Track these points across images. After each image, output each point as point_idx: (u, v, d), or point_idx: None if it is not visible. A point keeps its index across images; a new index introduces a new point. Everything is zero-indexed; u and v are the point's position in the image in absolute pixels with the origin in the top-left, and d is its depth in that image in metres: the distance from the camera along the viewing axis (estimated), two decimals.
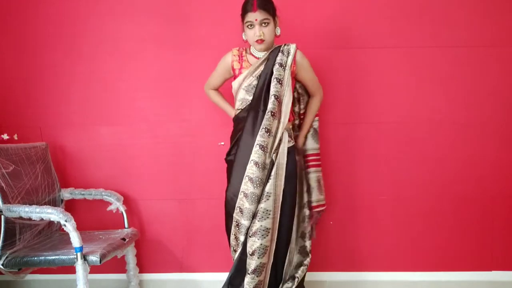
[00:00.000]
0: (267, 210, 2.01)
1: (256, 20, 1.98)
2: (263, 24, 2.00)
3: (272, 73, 2.06)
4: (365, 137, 2.58)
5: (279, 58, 2.07)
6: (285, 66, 2.06)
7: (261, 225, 2.00)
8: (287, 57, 2.08)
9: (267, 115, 2.02)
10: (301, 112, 2.29)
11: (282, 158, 2.06)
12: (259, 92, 2.07)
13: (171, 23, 2.55)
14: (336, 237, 2.64)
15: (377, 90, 2.55)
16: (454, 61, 2.51)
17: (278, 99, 2.03)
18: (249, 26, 2.02)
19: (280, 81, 2.04)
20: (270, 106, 2.03)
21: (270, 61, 2.08)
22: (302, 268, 2.26)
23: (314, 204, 2.29)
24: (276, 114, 2.02)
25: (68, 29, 2.58)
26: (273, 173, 2.02)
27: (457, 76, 2.52)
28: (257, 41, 2.02)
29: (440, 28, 2.50)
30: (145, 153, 2.63)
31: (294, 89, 2.22)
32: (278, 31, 2.08)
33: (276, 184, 2.03)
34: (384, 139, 2.57)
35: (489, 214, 2.58)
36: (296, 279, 2.21)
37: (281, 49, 2.09)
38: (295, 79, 2.18)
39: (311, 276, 2.63)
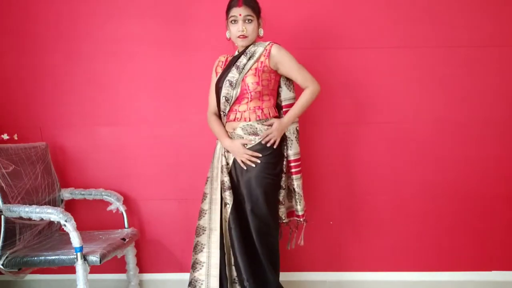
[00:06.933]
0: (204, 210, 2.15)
1: (240, 15, 2.00)
2: (246, 21, 2.02)
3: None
4: (365, 137, 2.58)
5: (239, 61, 2.07)
6: (242, 69, 2.05)
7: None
8: (248, 60, 2.05)
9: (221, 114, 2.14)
10: (282, 104, 2.18)
11: (216, 160, 2.14)
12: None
13: (171, 24, 2.56)
14: (336, 237, 2.64)
15: (377, 90, 2.55)
16: (454, 61, 2.51)
17: (228, 101, 2.08)
18: (232, 22, 2.03)
19: (231, 84, 2.05)
20: (221, 105, 2.11)
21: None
22: None
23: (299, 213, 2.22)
24: (228, 115, 2.11)
25: (68, 29, 2.58)
26: (213, 174, 2.13)
27: (457, 76, 2.52)
28: (239, 36, 2.03)
29: (440, 28, 2.50)
30: (145, 153, 2.63)
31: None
32: (261, 32, 2.08)
33: (212, 187, 2.13)
34: (384, 139, 2.57)
35: (489, 214, 2.58)
36: None
37: (247, 50, 2.08)
38: (279, 74, 2.12)
39: (311, 276, 2.64)
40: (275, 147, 2.07)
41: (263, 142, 2.05)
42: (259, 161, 2.05)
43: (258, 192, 2.05)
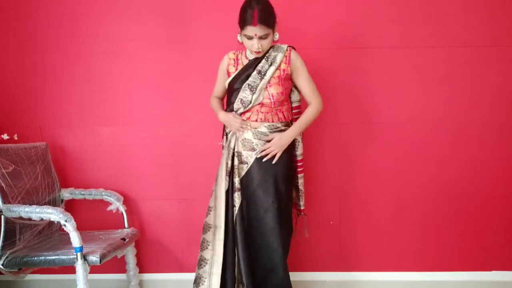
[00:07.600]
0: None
1: (256, 35, 1.92)
2: (262, 37, 1.95)
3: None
4: (365, 137, 2.58)
5: (260, 65, 2.04)
6: (264, 75, 2.03)
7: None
8: (270, 65, 2.03)
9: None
10: (292, 105, 2.20)
11: (226, 158, 2.12)
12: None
13: (171, 24, 2.56)
14: (336, 237, 2.64)
15: (377, 90, 2.55)
16: (454, 61, 2.51)
17: (244, 104, 2.05)
18: (247, 38, 1.96)
19: (251, 88, 2.03)
20: (235, 106, 2.08)
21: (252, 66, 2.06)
22: None
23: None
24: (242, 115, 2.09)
25: (67, 29, 2.58)
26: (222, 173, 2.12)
27: (457, 76, 2.52)
28: (254, 52, 2.00)
29: (440, 28, 2.50)
30: (145, 153, 2.63)
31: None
32: (277, 36, 2.02)
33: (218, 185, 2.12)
34: (384, 139, 2.57)
35: (489, 214, 2.58)
36: None
37: (267, 55, 2.05)
38: (291, 81, 2.13)
39: (311, 276, 2.64)
40: (273, 162, 2.06)
41: (258, 156, 2.07)
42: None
43: (283, 189, 2.08)
